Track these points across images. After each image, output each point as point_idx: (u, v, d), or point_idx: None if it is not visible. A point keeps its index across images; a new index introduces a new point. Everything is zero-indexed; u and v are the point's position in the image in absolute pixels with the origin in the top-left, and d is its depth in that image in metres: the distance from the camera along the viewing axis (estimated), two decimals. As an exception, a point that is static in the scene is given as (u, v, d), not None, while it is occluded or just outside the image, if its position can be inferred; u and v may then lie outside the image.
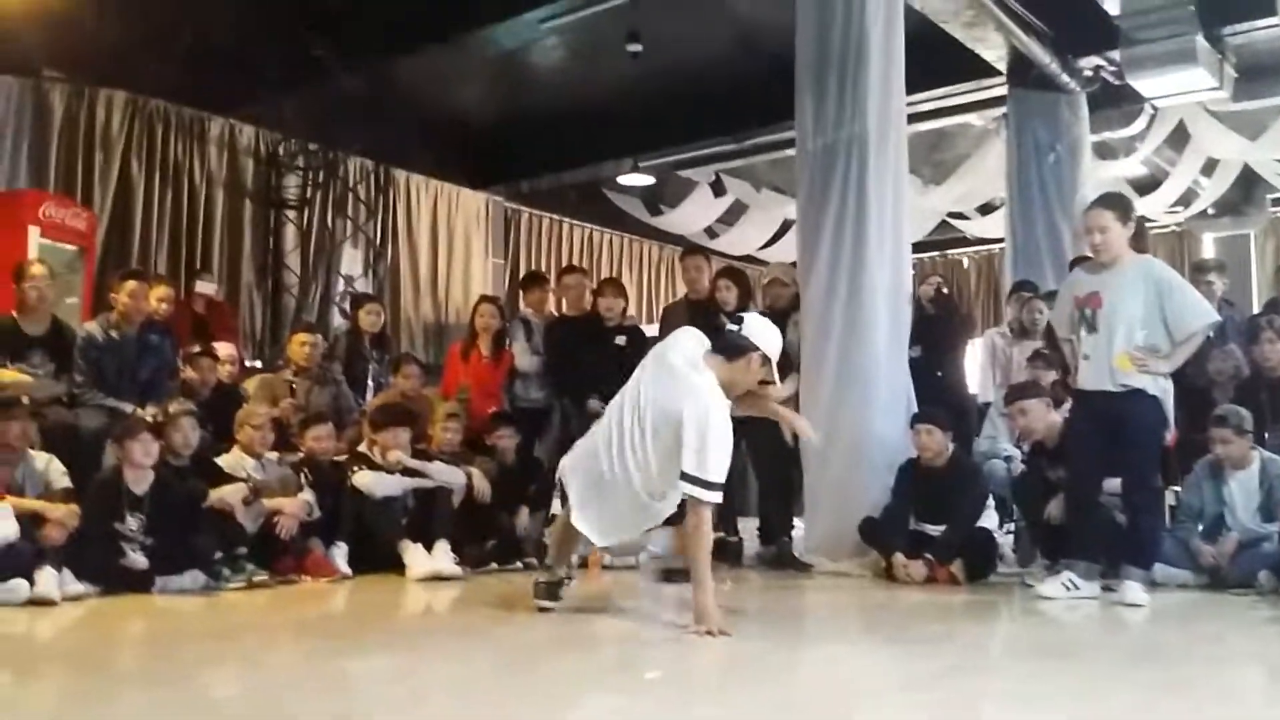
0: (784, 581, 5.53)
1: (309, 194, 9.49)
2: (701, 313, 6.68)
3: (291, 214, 9.46)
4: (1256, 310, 8.03)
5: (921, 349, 6.24)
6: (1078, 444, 4.89)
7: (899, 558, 5.22)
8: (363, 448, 5.73)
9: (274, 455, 5.51)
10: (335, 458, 5.73)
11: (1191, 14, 6.82)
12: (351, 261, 9.93)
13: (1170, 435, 5.14)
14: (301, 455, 5.67)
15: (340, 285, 9.73)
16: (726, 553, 6.19)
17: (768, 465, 6.24)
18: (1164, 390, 4.63)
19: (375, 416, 5.87)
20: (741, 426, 6.27)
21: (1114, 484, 4.84)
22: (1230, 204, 10.76)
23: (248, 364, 7.86)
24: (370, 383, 7.21)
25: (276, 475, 5.37)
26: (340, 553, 5.26)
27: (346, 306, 9.32)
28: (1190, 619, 4.50)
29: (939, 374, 6.44)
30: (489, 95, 9.61)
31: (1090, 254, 4.87)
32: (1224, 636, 4.08)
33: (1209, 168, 9.48)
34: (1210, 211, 10.75)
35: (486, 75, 9.04)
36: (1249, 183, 10.16)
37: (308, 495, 5.29)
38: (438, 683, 2.95)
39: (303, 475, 5.44)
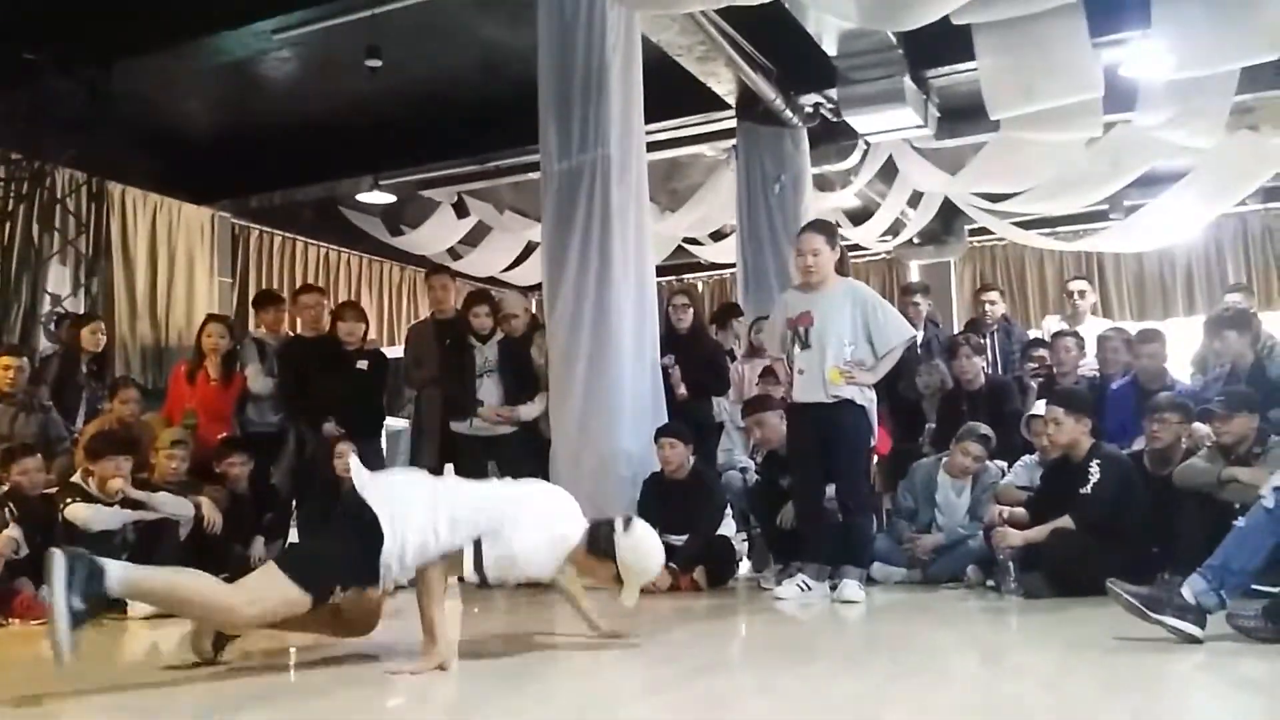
0: (529, 596, 5.53)
1: (10, 206, 8.69)
2: (450, 333, 6.65)
3: (-10, 227, 8.61)
4: (958, 330, 8.81)
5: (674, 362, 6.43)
6: (797, 455, 5.25)
7: (644, 568, 5.36)
8: (76, 478, 5.30)
9: (-29, 490, 5.02)
10: (45, 490, 5.28)
11: (900, 57, 7.41)
12: (59, 279, 9.15)
13: (877, 443, 5.57)
14: (5, 489, 5.18)
15: (47, 303, 8.95)
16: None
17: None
18: (870, 400, 5.06)
19: (92, 445, 5.44)
20: (489, 445, 6.34)
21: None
22: (933, 234, 11.75)
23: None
24: (83, 408, 6.69)
25: (-25, 511, 4.89)
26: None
27: (53, 327, 8.59)
28: (909, 611, 4.88)
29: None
30: (216, 107, 9.14)
31: (801, 276, 5.22)
32: (939, 626, 4.44)
33: (915, 200, 10.26)
34: (916, 240, 11.67)
35: (213, 86, 8.60)
36: (949, 214, 11.11)
37: (14, 532, 4.85)
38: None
39: (7, 510, 4.98)
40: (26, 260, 8.69)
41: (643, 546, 3.37)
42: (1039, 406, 5.70)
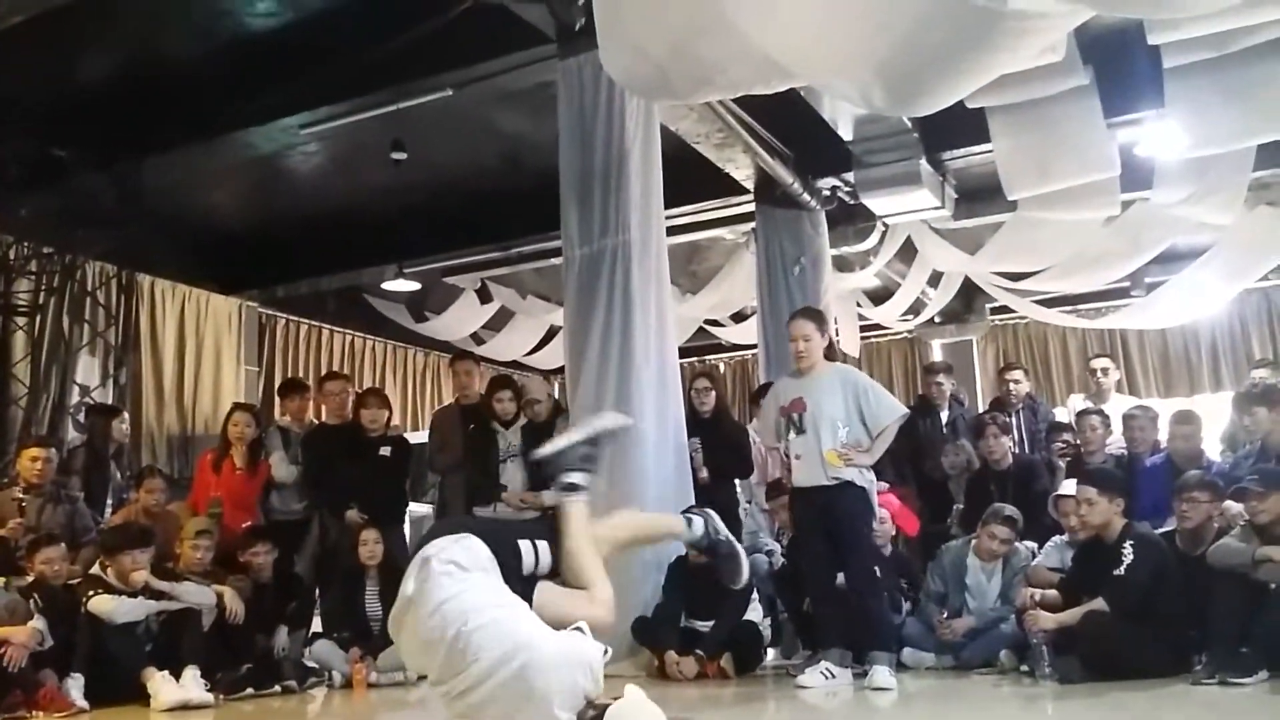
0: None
1: (42, 300, 8.85)
2: (474, 418, 6.68)
3: (22, 320, 8.76)
4: (983, 409, 8.75)
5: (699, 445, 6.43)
6: (804, 540, 5.27)
7: (671, 655, 5.30)
8: (95, 570, 5.31)
9: (-1, 581, 5.03)
10: (69, 581, 5.28)
11: (916, 140, 7.49)
12: (88, 370, 9.27)
13: (904, 524, 5.51)
14: (30, 579, 5.19)
15: (76, 394, 9.05)
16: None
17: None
18: (869, 482, 5.12)
19: (107, 540, 5.48)
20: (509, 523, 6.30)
21: None
22: (954, 313, 11.75)
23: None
24: (110, 499, 6.73)
25: (2, 602, 4.89)
26: (76, 684, 4.83)
27: (81, 418, 8.67)
28: (941, 698, 4.78)
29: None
30: (243, 199, 9.32)
31: (793, 362, 5.31)
32: (972, 712, 4.34)
33: (935, 279, 10.29)
34: (937, 319, 11.67)
35: (241, 179, 8.78)
36: (970, 293, 11.11)
37: (38, 623, 4.83)
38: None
39: (32, 601, 4.98)
40: (56, 352, 8.82)
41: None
42: (1068, 486, 5.63)
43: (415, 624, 2.97)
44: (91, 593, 5.09)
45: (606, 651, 2.96)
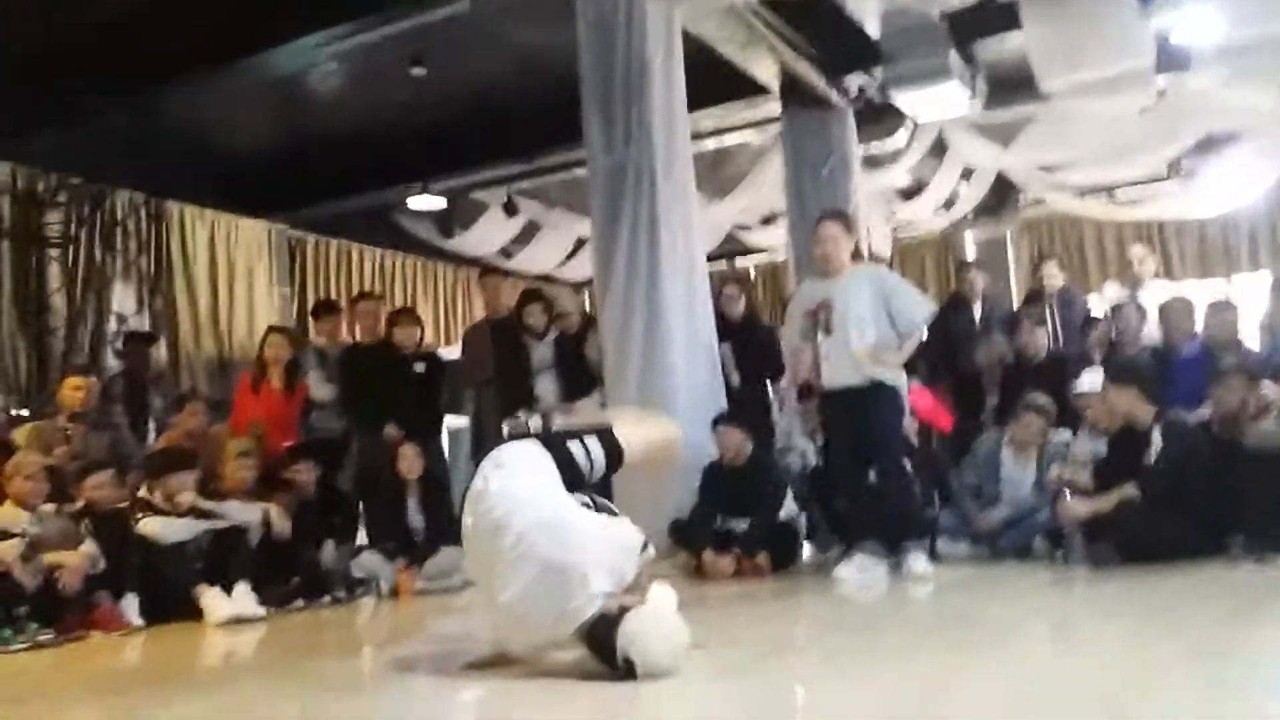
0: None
1: (73, 231, 8.94)
2: (506, 333, 6.72)
3: (55, 252, 8.86)
4: (1017, 304, 8.68)
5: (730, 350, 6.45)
6: (834, 441, 5.31)
7: (708, 554, 5.39)
8: (143, 493, 5.44)
9: (51, 507, 5.16)
10: (118, 505, 5.42)
11: (945, 32, 7.31)
12: (124, 299, 9.39)
13: (940, 420, 5.52)
14: (81, 505, 5.33)
15: (113, 324, 9.18)
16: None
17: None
18: (900, 382, 5.11)
19: (152, 464, 5.60)
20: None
21: None
22: (987, 207, 11.57)
23: (14, 413, 7.32)
24: (151, 424, 6.86)
25: (55, 528, 5.02)
26: (131, 604, 4.96)
27: (119, 345, 8.81)
28: (976, 586, 4.84)
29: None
30: (267, 122, 9.28)
31: (819, 264, 5.26)
32: (1008, 600, 4.40)
33: (967, 174, 10.13)
34: (970, 215, 11.52)
35: (263, 101, 8.73)
36: (1003, 187, 10.93)
37: (90, 547, 4.96)
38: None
39: (83, 526, 5.11)
40: (91, 282, 8.94)
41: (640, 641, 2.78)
42: (1085, 382, 5.63)
43: (471, 525, 3.04)
44: (140, 515, 5.22)
45: (647, 545, 3.02)
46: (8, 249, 8.59)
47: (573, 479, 3.14)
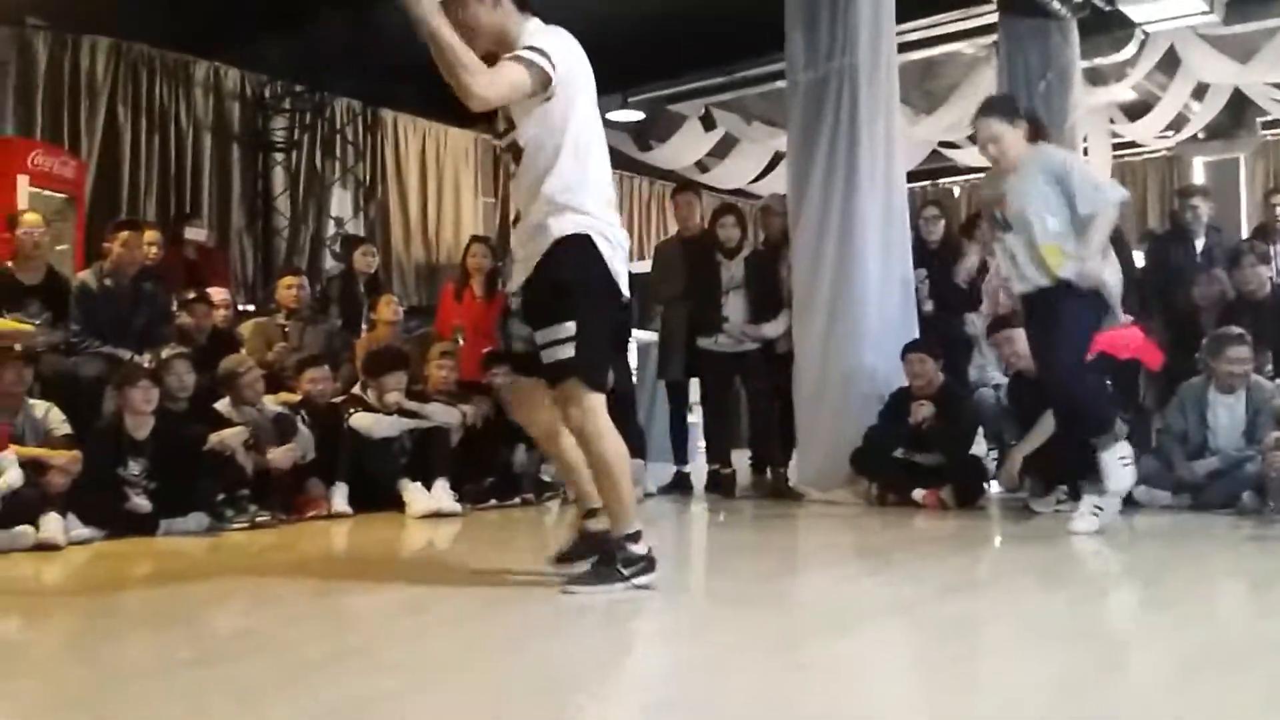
0: (776, 511, 5.63)
1: (297, 136, 9.45)
2: (697, 249, 6.72)
3: (280, 157, 9.41)
4: (1245, 236, 8.05)
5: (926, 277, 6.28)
6: (1035, 355, 4.75)
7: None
8: (356, 390, 5.80)
9: (269, 399, 5.57)
10: (332, 399, 5.80)
11: (1182, -66, 6.76)
12: (341, 203, 9.91)
13: (1147, 358, 5.15)
14: (299, 398, 5.73)
15: (331, 227, 9.72)
16: (720, 484, 6.30)
17: (760, 397, 6.35)
18: (1100, 283, 4.40)
19: (368, 363, 5.91)
20: (735, 361, 6.41)
21: None
22: (1220, 128, 10.71)
23: (240, 308, 7.89)
24: (365, 325, 7.25)
25: (272, 417, 5.40)
26: (340, 492, 5.34)
27: (337, 248, 9.32)
28: (1174, 536, 4.61)
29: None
30: (474, 32, 9.49)
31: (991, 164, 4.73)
32: (1206, 553, 4.18)
33: (1200, 92, 9.43)
34: (1201, 136, 10.71)
35: (473, 11, 8.92)
36: (1240, 106, 10.11)
37: (296, 444, 5.30)
38: (442, 616, 3.00)
39: (300, 417, 5.50)
40: (312, 187, 9.46)
41: None
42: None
43: None
44: (352, 410, 5.58)
45: None
46: (237, 153, 9.19)
47: None
